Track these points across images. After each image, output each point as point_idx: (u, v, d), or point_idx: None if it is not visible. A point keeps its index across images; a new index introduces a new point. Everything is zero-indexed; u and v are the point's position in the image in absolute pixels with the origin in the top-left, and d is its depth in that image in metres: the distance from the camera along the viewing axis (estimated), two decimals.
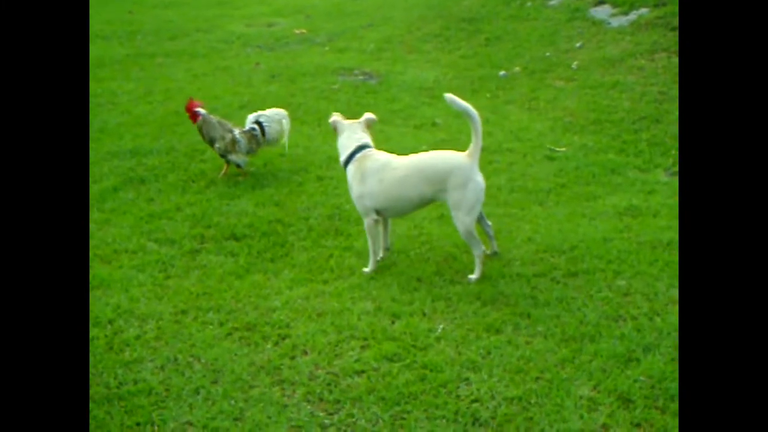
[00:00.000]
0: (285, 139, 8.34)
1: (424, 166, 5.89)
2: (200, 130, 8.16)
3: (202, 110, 8.18)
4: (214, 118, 8.17)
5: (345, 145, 6.18)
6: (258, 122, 8.23)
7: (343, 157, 6.18)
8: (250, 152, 8.16)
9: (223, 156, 8.11)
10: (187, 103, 8.32)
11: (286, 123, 8.35)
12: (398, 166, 5.95)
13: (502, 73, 11.91)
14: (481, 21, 14.46)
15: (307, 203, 7.41)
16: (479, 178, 5.78)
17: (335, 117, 6.32)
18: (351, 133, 6.18)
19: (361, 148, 6.11)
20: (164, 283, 5.97)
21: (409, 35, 14.81)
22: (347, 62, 13.26)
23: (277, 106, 8.58)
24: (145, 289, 5.86)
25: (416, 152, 6.19)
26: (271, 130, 8.27)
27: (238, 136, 8.05)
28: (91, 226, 6.95)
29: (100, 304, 5.63)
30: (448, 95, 5.89)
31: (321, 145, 9.09)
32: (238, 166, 8.10)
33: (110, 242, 6.65)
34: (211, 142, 8.10)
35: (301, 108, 10.60)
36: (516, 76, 11.75)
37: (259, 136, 8.18)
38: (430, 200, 5.99)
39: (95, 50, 14.29)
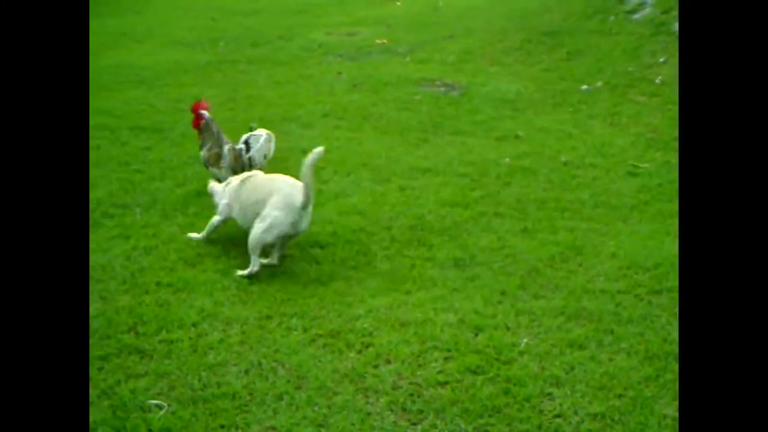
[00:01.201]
0: (269, 157, 7.96)
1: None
2: (200, 132, 8.02)
3: (206, 114, 7.98)
4: (215, 126, 7.96)
5: None
6: (246, 142, 7.90)
7: None
8: (234, 170, 7.80)
9: (204, 165, 7.99)
10: (193, 104, 8.15)
11: (272, 145, 7.93)
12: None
13: (584, 87, 11.82)
14: (562, 35, 14.36)
15: (390, 213, 7.42)
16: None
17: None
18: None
19: None
20: (248, 288, 6.03)
21: (490, 47, 14.77)
22: (429, 73, 13.25)
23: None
24: (229, 294, 5.93)
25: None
26: (257, 150, 7.83)
27: (225, 151, 7.82)
28: (175, 229, 7.05)
29: (184, 306, 5.71)
30: None
31: (403, 155, 9.09)
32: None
33: (194, 246, 6.73)
34: (201, 147, 8.00)
35: (384, 118, 10.61)
36: (598, 90, 11.65)
37: (244, 157, 7.83)
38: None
39: (178, 56, 14.52)
